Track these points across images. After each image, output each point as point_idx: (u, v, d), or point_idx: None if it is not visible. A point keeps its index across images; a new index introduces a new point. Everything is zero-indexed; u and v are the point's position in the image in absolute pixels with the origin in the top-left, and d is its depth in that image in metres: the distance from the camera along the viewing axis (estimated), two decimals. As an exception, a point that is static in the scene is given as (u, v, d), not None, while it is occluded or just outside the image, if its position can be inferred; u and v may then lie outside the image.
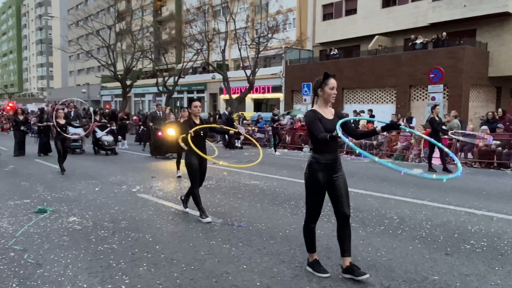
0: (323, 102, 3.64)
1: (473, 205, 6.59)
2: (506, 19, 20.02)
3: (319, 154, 3.58)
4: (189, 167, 5.62)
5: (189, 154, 5.60)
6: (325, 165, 3.55)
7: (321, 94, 3.63)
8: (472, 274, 3.76)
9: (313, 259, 3.78)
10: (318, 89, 3.63)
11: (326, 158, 3.56)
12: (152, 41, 34.45)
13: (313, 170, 3.58)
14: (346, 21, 26.24)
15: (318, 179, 3.55)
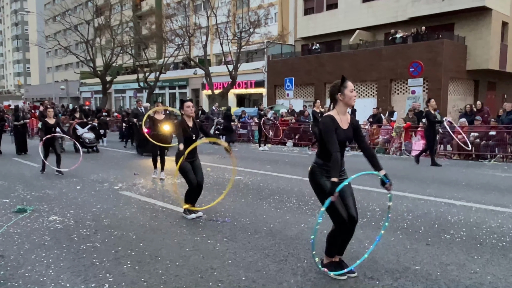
0: (343, 107, 3.45)
1: (453, 195, 6.74)
2: (483, 13, 20.43)
3: (322, 159, 3.45)
4: (182, 170, 5.43)
5: (180, 154, 5.34)
6: (328, 170, 3.37)
7: (341, 99, 3.43)
8: (452, 263, 3.85)
9: (329, 261, 3.61)
10: (337, 94, 3.43)
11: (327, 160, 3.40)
12: (132, 36, 33.95)
13: (316, 175, 3.45)
14: (327, 16, 26.35)
15: (323, 184, 3.41)
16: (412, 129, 13.54)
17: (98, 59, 35.31)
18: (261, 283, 3.45)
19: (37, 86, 66.31)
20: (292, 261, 3.92)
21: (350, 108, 3.52)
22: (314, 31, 26.91)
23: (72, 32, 33.71)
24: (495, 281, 3.46)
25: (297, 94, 26.09)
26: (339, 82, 3.46)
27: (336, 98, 3.46)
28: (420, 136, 13.28)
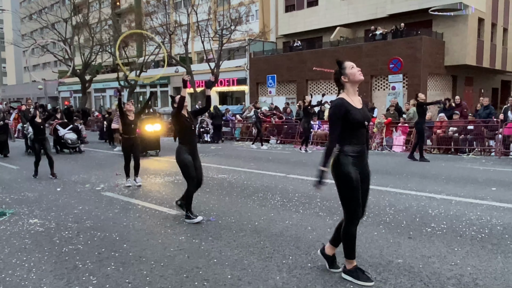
0: (351, 87, 3.33)
1: (433, 189, 6.88)
2: (460, 9, 20.82)
3: (346, 145, 3.26)
4: (182, 164, 5.19)
5: (181, 150, 5.24)
6: (353, 157, 3.24)
7: (346, 81, 3.31)
8: (433, 255, 3.93)
9: (352, 266, 3.39)
10: (341, 77, 3.33)
11: (354, 149, 3.26)
12: (111, 34, 33.41)
13: (341, 164, 3.24)
14: (308, 13, 26.45)
15: (350, 173, 3.22)
16: (392, 125, 13.74)
17: (76, 58, 34.65)
18: (246, 280, 3.46)
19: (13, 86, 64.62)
20: (278, 258, 3.94)
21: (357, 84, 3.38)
22: (295, 28, 26.99)
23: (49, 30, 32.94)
24: (475, 272, 3.55)
25: (280, 92, 26.16)
26: (336, 69, 3.38)
27: (342, 83, 3.34)
28: (400, 132, 13.50)
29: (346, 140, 3.25)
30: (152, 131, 12.62)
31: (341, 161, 3.24)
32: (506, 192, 6.60)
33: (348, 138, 3.24)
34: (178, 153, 5.24)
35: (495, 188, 6.97)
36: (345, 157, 3.24)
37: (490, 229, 4.70)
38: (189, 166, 5.18)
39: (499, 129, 11.59)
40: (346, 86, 3.32)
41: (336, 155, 3.27)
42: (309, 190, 7.00)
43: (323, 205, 5.98)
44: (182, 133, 5.32)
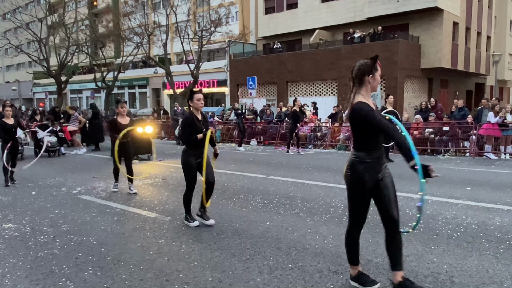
0: (367, 91, 3.08)
1: (410, 189, 7.01)
2: (436, 13, 21.35)
3: (364, 152, 3.04)
4: (185, 166, 5.00)
5: (186, 153, 4.99)
6: (370, 164, 3.04)
7: (370, 82, 3.06)
8: (411, 254, 4.01)
9: (356, 271, 3.32)
10: (368, 76, 3.05)
11: (372, 156, 3.04)
12: (87, 35, 32.81)
13: (357, 171, 3.05)
14: (288, 15, 26.62)
15: (364, 181, 3.04)
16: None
17: (52, 59, 33.87)
18: (227, 282, 3.45)
19: (-14, 87, 62.64)
20: (259, 259, 3.93)
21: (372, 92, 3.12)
22: (275, 30, 27.12)
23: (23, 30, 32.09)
24: (451, 269, 3.63)
25: (260, 93, 26.21)
26: (370, 62, 3.06)
27: (364, 81, 3.06)
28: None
29: (363, 145, 3.05)
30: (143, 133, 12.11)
31: (356, 167, 3.06)
32: (480, 192, 6.79)
33: (366, 143, 3.05)
34: (183, 154, 5.03)
35: (470, 187, 7.15)
36: (361, 164, 3.04)
37: (465, 227, 4.82)
38: (190, 170, 5.00)
39: (473, 131, 11.91)
40: (367, 87, 3.07)
41: (351, 160, 3.10)
42: (289, 191, 7.03)
43: (303, 206, 6.02)
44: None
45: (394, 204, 3.08)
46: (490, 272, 3.56)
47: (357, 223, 3.22)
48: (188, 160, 4.98)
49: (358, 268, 3.32)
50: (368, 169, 3.03)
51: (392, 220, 3.08)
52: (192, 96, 5.00)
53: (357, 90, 3.09)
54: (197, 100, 4.99)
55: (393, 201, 3.09)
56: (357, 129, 3.06)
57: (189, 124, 4.98)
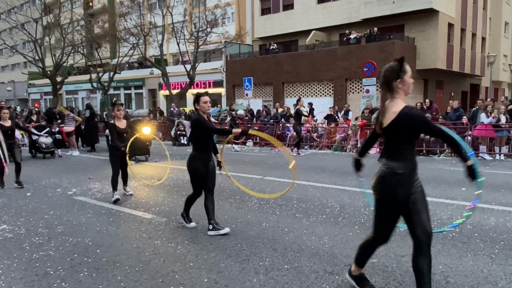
0: (402, 95, 2.82)
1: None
2: (431, 15, 21.46)
3: (399, 162, 2.77)
4: (192, 173, 4.84)
5: (194, 158, 4.82)
6: (404, 176, 2.77)
7: (400, 87, 2.79)
8: (406, 254, 4.02)
9: (359, 272, 3.25)
10: (396, 80, 2.78)
11: (407, 167, 2.78)
12: (83, 35, 32.69)
13: (388, 184, 2.79)
14: (284, 16, 26.67)
15: (397, 195, 2.77)
16: (367, 127, 13.98)
17: (47, 59, 33.72)
18: (223, 283, 3.44)
19: (-20, 87, 62.29)
20: (255, 260, 3.93)
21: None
22: (271, 31, 27.16)
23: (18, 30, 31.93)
24: (446, 270, 3.64)
25: (256, 94, 26.22)
26: (396, 65, 2.79)
27: (393, 86, 2.80)
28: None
29: (400, 154, 2.77)
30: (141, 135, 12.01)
31: (388, 180, 2.79)
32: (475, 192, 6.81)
33: (399, 152, 2.78)
34: (191, 161, 4.82)
35: (465, 188, 7.18)
36: (394, 176, 2.77)
37: (461, 228, 4.84)
38: (198, 177, 4.81)
39: (468, 131, 11.97)
40: (399, 93, 2.81)
41: (382, 172, 2.83)
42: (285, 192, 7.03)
43: (299, 206, 6.02)
44: (201, 140, 4.81)
45: (427, 218, 2.88)
46: (485, 272, 3.58)
47: (382, 237, 3.01)
48: (195, 166, 4.79)
49: (362, 271, 3.25)
50: (402, 182, 2.77)
51: (426, 235, 2.83)
52: (199, 99, 4.78)
53: (392, 96, 2.83)
54: (203, 103, 4.77)
55: (427, 215, 2.88)
56: (401, 136, 2.76)
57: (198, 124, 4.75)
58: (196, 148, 4.87)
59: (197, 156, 4.81)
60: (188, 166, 4.86)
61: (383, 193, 2.84)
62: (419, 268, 2.82)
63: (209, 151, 4.87)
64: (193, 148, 4.91)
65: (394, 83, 2.79)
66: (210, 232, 4.73)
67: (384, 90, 2.88)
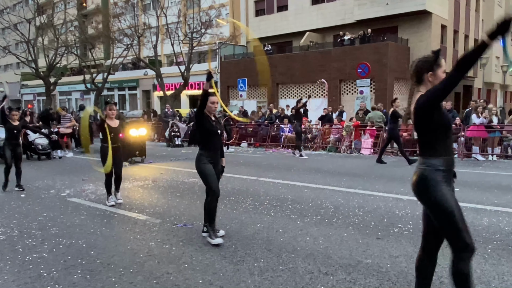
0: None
1: (400, 191, 7.06)
2: (424, 16, 21.62)
3: (435, 157, 2.56)
4: (202, 173, 4.61)
5: (201, 157, 4.62)
6: (445, 172, 2.55)
7: (430, 80, 2.61)
8: (401, 255, 4.04)
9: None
10: (427, 73, 2.61)
11: (447, 162, 2.57)
12: (77, 36, 32.53)
13: (430, 184, 2.54)
14: (278, 17, 26.73)
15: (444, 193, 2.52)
16: (361, 128, 14.04)
17: (40, 60, 33.52)
18: (218, 284, 3.44)
19: (-28, 88, 61.75)
20: (249, 261, 3.93)
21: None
22: (266, 32, 27.20)
23: (11, 31, 31.70)
24: (440, 270, 3.66)
25: (250, 95, 26.24)
26: (431, 57, 2.63)
27: (423, 79, 2.64)
28: (368, 135, 13.81)
29: (434, 150, 2.57)
30: (137, 136, 11.86)
31: (429, 178, 2.54)
32: (468, 192, 6.87)
33: (437, 147, 2.56)
34: (198, 161, 4.62)
35: (458, 188, 7.17)
36: (435, 173, 2.53)
37: (454, 228, 4.87)
38: (209, 175, 4.58)
39: (461, 132, 12.06)
40: (427, 87, 2.63)
41: (421, 171, 2.59)
42: (280, 193, 7.05)
43: (294, 207, 6.03)
44: (205, 138, 4.63)
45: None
46: (478, 272, 3.60)
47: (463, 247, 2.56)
48: (203, 166, 4.58)
49: None
50: (444, 179, 2.54)
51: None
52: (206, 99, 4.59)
53: (417, 88, 2.68)
54: (211, 104, 4.59)
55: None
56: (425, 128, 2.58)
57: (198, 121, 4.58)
58: (202, 147, 4.70)
59: (204, 156, 4.61)
60: (196, 166, 4.65)
61: (429, 197, 2.55)
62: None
63: (216, 150, 4.68)
64: (199, 147, 4.73)
65: (425, 75, 2.63)
66: (205, 234, 4.71)
67: (412, 82, 2.71)
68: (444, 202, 2.51)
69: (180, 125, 17.54)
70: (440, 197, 2.51)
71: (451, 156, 2.61)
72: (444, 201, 2.51)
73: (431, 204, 2.56)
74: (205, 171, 4.57)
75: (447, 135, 2.60)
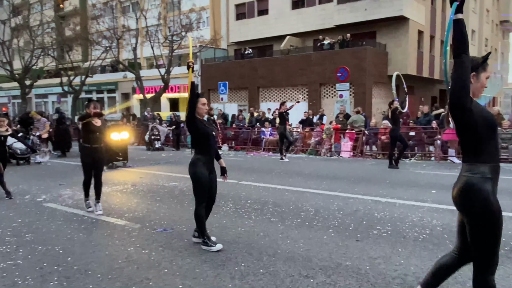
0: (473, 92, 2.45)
1: (378, 193, 7.17)
2: (402, 22, 22.06)
3: (486, 164, 2.33)
4: (195, 178, 4.39)
5: (197, 161, 4.41)
6: (493, 181, 2.31)
7: (473, 82, 2.43)
8: (379, 257, 4.10)
9: None
10: (471, 73, 2.43)
11: (495, 169, 2.35)
12: (54, 38, 31.90)
13: (482, 191, 2.29)
14: (259, 21, 26.83)
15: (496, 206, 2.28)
16: (341, 131, 14.21)
17: (16, 62, 32.71)
18: (198, 290, 3.41)
19: None
20: (230, 266, 3.92)
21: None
22: (246, 36, 27.27)
23: (-16, 32, 30.86)
24: (418, 271, 3.73)
25: (231, 99, 26.22)
26: (478, 59, 2.48)
27: None
28: (348, 138, 13.98)
29: (480, 155, 2.34)
30: (119, 140, 11.57)
31: (480, 187, 2.30)
32: (445, 194, 7.02)
33: (483, 152, 2.34)
34: (193, 165, 4.41)
35: (435, 190, 7.39)
36: (485, 182, 2.30)
37: (431, 229, 4.97)
38: (202, 183, 4.38)
39: (438, 136, 12.34)
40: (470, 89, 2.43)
41: (468, 179, 2.35)
42: (261, 196, 7.05)
43: (275, 210, 6.05)
44: (198, 141, 4.45)
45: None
46: (454, 272, 3.67)
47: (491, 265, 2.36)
48: (198, 171, 4.37)
49: None
50: (493, 188, 2.29)
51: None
52: (197, 101, 4.41)
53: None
54: (201, 105, 4.42)
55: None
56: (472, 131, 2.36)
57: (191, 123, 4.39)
58: (197, 150, 4.49)
59: (200, 160, 4.41)
60: (190, 171, 4.43)
61: (479, 207, 2.29)
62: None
63: (213, 152, 4.53)
64: (194, 151, 4.54)
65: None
66: (195, 239, 4.61)
67: None
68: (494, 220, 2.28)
69: (160, 129, 17.38)
70: (490, 214, 2.27)
71: (498, 162, 2.38)
72: (495, 219, 2.28)
73: (477, 216, 2.30)
74: (198, 177, 4.38)
75: (490, 137, 2.36)
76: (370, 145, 13.96)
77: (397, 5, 21.30)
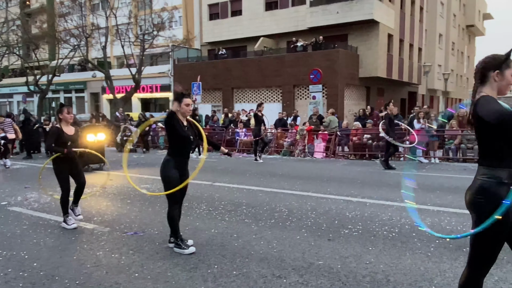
0: (493, 90, 2.36)
1: (350, 193, 7.29)
2: (372, 26, 22.54)
3: (501, 169, 2.25)
4: (167, 179, 4.29)
5: (168, 163, 4.33)
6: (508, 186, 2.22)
7: (496, 80, 2.35)
8: (350, 255, 4.16)
9: None
10: (495, 71, 2.34)
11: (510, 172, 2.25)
12: (19, 36, 30.78)
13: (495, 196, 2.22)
14: (232, 22, 26.79)
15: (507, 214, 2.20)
16: (314, 133, 14.36)
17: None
18: (170, 293, 3.36)
19: None
20: (203, 268, 3.88)
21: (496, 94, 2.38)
22: (220, 36, 27.18)
23: None
24: (387, 269, 3.81)
25: (205, 99, 26.06)
26: (501, 56, 2.38)
27: (488, 77, 2.37)
28: (321, 139, 14.14)
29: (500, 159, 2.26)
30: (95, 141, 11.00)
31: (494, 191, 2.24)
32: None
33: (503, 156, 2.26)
34: (164, 167, 4.32)
35: (403, 190, 7.56)
36: (500, 186, 2.23)
37: (400, 228, 5.09)
38: (174, 186, 4.25)
39: (406, 137, 12.66)
40: (491, 87, 2.37)
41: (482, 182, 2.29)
42: (235, 198, 7.03)
43: (248, 211, 6.04)
44: (174, 143, 4.36)
45: None
46: (422, 269, 3.78)
47: (485, 268, 2.37)
48: (169, 172, 4.29)
49: None
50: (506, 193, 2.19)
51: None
52: (181, 100, 4.28)
53: (479, 89, 2.40)
54: (185, 105, 4.27)
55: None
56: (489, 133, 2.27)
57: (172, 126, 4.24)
58: (170, 151, 4.39)
59: (172, 161, 4.32)
60: (161, 173, 4.35)
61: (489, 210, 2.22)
62: None
63: (185, 156, 4.42)
64: (167, 151, 4.43)
65: (491, 73, 2.37)
66: (171, 245, 4.47)
67: (475, 82, 2.45)
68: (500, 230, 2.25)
69: (132, 129, 17.07)
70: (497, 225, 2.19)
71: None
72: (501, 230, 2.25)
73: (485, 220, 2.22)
74: (169, 179, 4.28)
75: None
76: (342, 146, 14.18)
77: (368, 9, 21.75)
